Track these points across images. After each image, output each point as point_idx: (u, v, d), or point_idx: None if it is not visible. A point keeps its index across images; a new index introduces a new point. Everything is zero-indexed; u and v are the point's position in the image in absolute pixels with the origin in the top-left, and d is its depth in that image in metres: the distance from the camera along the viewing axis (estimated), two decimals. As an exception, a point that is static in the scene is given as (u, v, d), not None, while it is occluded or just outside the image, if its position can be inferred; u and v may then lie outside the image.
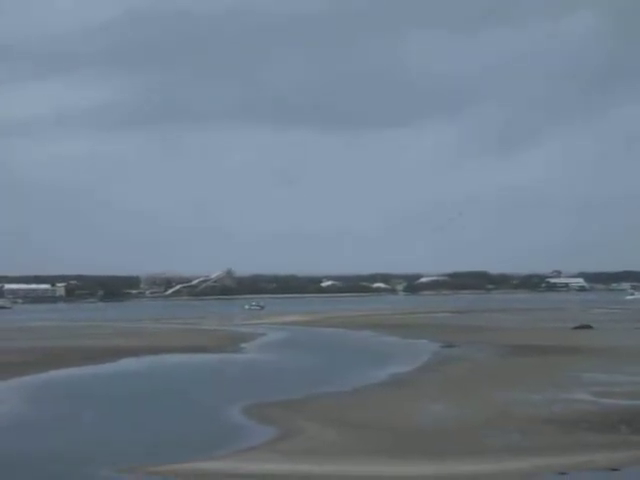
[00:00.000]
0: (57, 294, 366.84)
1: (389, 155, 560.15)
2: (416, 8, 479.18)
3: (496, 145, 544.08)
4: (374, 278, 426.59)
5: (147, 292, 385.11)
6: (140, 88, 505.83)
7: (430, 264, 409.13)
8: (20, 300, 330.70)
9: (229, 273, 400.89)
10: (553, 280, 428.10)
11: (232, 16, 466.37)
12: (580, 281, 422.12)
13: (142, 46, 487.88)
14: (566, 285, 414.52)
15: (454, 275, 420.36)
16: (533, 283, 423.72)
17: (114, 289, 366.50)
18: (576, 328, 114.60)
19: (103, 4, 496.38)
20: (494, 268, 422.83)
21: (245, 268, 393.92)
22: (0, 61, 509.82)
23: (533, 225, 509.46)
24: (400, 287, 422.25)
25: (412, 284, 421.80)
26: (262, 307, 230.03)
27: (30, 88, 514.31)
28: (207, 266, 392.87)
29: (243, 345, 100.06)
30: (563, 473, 33.28)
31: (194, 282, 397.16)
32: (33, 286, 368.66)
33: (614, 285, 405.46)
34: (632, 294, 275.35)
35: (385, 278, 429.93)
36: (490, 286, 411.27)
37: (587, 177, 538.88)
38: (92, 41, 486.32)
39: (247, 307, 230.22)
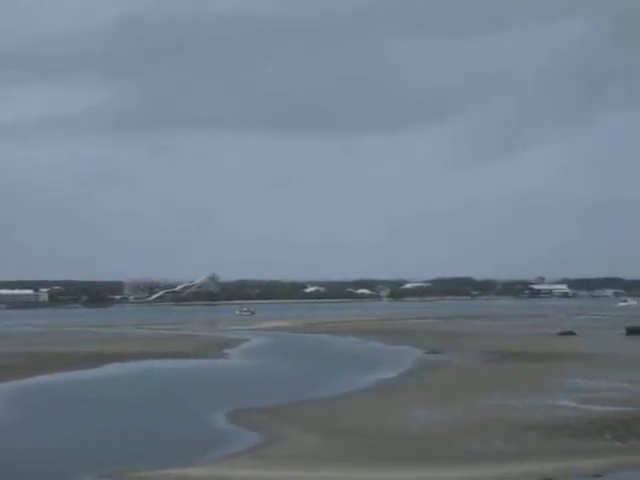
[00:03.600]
0: (40, 299, 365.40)
1: (379, 161, 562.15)
2: (411, 14, 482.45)
3: (484, 153, 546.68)
4: (358, 284, 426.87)
5: (131, 298, 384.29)
6: (133, 92, 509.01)
7: (414, 270, 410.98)
8: (3, 305, 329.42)
9: (213, 279, 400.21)
10: (537, 286, 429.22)
11: (228, 21, 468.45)
12: (563, 287, 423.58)
13: (137, 50, 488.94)
14: (549, 291, 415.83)
15: (438, 281, 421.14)
16: (517, 289, 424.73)
17: (98, 295, 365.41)
18: (559, 334, 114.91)
19: (97, 8, 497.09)
20: (478, 274, 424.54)
21: (229, 274, 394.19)
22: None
23: (517, 231, 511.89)
24: (384, 293, 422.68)
25: (396, 290, 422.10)
26: (252, 312, 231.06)
27: (23, 91, 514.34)
28: (191, 272, 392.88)
29: (227, 351, 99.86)
30: (546, 479, 33.30)
31: (178, 288, 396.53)
32: (16, 291, 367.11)
33: (597, 292, 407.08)
34: (625, 301, 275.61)
35: (369, 284, 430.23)
36: (474, 292, 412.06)
37: (571, 185, 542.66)
38: (87, 45, 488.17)
39: (238, 312, 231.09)
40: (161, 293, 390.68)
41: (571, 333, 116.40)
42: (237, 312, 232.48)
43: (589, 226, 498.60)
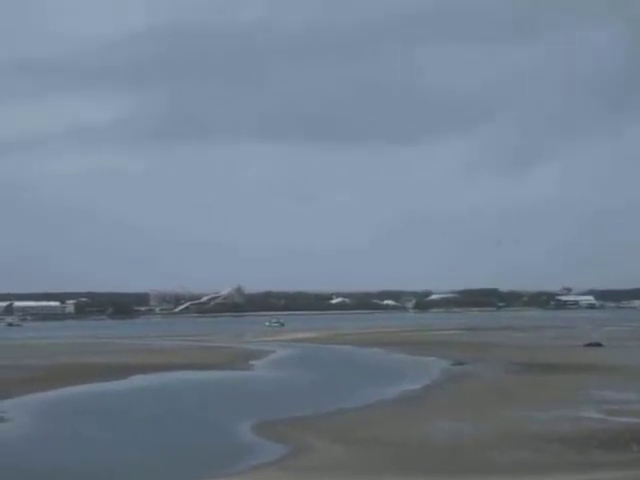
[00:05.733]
0: (67, 311, 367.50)
1: (403, 171, 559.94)
2: (431, 23, 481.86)
3: (508, 161, 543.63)
4: (384, 295, 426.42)
5: (156, 309, 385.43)
6: (154, 103, 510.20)
7: (440, 281, 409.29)
8: (29, 317, 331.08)
9: (239, 290, 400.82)
10: (563, 298, 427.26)
11: (249, 31, 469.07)
12: (590, 298, 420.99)
13: (158, 62, 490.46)
14: (576, 302, 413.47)
15: (464, 292, 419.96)
16: (543, 300, 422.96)
17: (123, 306, 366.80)
18: (586, 346, 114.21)
19: (122, 20, 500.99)
20: (504, 285, 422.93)
21: (255, 285, 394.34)
22: (13, 75, 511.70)
23: (542, 242, 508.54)
24: (410, 304, 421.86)
25: (422, 301, 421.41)
26: (282, 324, 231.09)
27: (45, 103, 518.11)
28: (216, 283, 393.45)
29: (253, 362, 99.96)
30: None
31: (204, 299, 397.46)
32: (43, 303, 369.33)
33: (624, 303, 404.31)
34: None
35: (395, 295, 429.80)
36: (500, 303, 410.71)
37: (597, 194, 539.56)
38: (108, 57, 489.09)
39: (268, 324, 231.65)
40: (187, 304, 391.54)
41: (598, 344, 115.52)
42: (267, 323, 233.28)
43: (616, 237, 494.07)
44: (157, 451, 44.54)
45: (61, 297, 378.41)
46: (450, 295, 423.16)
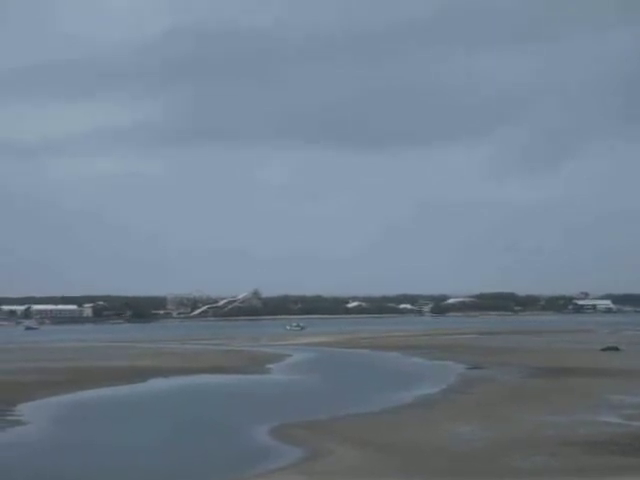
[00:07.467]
0: (84, 315, 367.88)
1: (420, 174, 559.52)
2: (452, 25, 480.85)
3: (525, 164, 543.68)
4: (401, 299, 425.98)
5: (174, 313, 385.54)
6: (168, 107, 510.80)
7: (457, 285, 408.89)
8: (47, 321, 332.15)
9: (256, 294, 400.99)
10: (580, 302, 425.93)
11: (267, 35, 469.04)
12: (607, 303, 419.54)
13: (175, 66, 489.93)
14: (593, 307, 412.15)
15: (481, 296, 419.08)
16: (560, 305, 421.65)
17: (141, 310, 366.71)
18: (603, 350, 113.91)
19: (143, 23, 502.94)
20: (521, 289, 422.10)
21: (272, 289, 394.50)
22: (37, 78, 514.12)
23: (560, 246, 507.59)
24: (427, 308, 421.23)
25: (439, 305, 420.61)
26: (302, 327, 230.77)
27: (69, 106, 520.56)
28: (234, 287, 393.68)
29: (270, 366, 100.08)
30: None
31: (221, 303, 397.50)
32: (60, 307, 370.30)
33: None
34: None
35: (412, 299, 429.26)
36: (517, 308, 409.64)
37: (615, 198, 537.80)
38: (127, 61, 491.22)
39: (288, 327, 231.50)
40: (204, 308, 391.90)
41: (615, 349, 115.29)
42: (287, 327, 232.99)
43: (634, 241, 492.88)
44: (175, 454, 44.69)
45: (79, 300, 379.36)
46: (467, 299, 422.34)
